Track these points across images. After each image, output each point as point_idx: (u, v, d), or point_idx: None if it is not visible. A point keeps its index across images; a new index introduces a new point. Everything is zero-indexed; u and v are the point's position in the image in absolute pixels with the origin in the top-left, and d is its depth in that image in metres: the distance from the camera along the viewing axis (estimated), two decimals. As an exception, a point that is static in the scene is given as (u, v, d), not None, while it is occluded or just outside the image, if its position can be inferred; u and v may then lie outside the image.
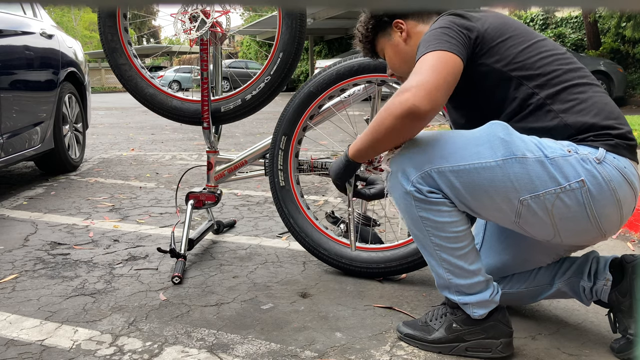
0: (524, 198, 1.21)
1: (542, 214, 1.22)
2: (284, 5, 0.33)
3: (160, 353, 1.36)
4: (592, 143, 1.23)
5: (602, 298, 1.39)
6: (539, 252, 1.45)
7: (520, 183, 1.20)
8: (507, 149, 1.21)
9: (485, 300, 1.32)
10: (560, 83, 1.28)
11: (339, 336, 1.46)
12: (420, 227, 1.31)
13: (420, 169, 1.26)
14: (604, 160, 1.20)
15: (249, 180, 3.46)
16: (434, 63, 1.22)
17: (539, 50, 1.31)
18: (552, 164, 1.19)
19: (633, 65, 12.07)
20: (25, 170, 4.06)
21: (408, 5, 0.35)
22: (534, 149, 1.21)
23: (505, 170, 1.20)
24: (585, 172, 1.19)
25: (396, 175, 1.30)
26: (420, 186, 1.27)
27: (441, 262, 1.32)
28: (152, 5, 0.38)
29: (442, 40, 1.26)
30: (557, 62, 1.30)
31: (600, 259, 1.42)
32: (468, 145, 1.24)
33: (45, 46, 3.47)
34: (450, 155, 1.24)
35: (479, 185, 1.23)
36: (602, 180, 1.19)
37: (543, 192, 1.20)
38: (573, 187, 1.19)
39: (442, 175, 1.25)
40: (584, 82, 1.30)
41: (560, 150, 1.21)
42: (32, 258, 2.08)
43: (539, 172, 1.19)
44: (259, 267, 1.99)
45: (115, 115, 9.67)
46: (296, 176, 1.99)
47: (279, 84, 2.03)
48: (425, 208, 1.28)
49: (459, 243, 1.30)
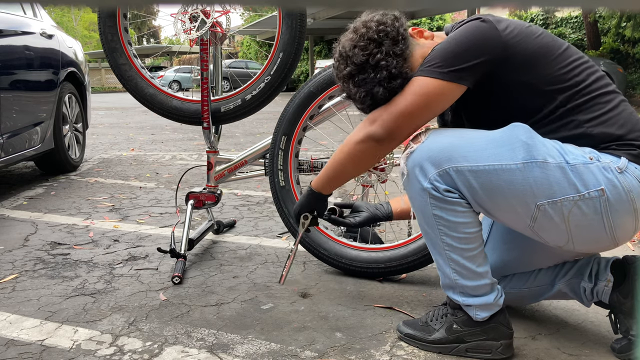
0: (541, 203, 1.19)
1: (558, 220, 1.20)
2: (284, 5, 0.33)
3: (160, 353, 1.36)
4: (614, 151, 1.21)
5: (603, 299, 1.39)
6: (542, 256, 1.44)
7: (538, 188, 1.18)
8: (528, 153, 1.19)
9: (489, 304, 1.31)
10: (589, 93, 1.25)
11: (339, 336, 1.46)
12: (432, 225, 1.30)
13: (438, 167, 1.24)
14: (625, 169, 1.18)
15: (249, 180, 3.46)
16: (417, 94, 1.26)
17: (568, 61, 1.27)
18: (573, 170, 1.17)
19: (633, 65, 12.07)
20: (25, 170, 4.06)
21: (408, 5, 0.35)
22: (556, 154, 1.19)
23: (525, 173, 1.19)
24: (605, 181, 1.17)
25: (413, 171, 1.28)
26: (438, 184, 1.25)
27: (449, 261, 1.31)
28: (152, 5, 0.38)
29: (447, 65, 1.23)
30: (585, 71, 1.27)
31: (602, 260, 1.41)
32: (489, 146, 1.22)
33: (45, 46, 3.47)
34: (470, 154, 1.22)
35: (497, 187, 1.21)
36: (622, 190, 1.17)
37: (561, 199, 1.18)
38: (592, 195, 1.17)
39: (461, 175, 1.23)
40: (609, 90, 1.27)
41: (582, 157, 1.19)
42: (32, 258, 2.08)
43: (559, 178, 1.17)
44: (259, 267, 1.99)
45: (115, 115, 9.67)
46: (296, 176, 1.99)
47: (279, 84, 2.03)
48: (440, 207, 1.26)
49: (470, 244, 1.29)
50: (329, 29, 20.65)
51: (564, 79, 1.25)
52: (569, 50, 1.30)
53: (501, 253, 1.50)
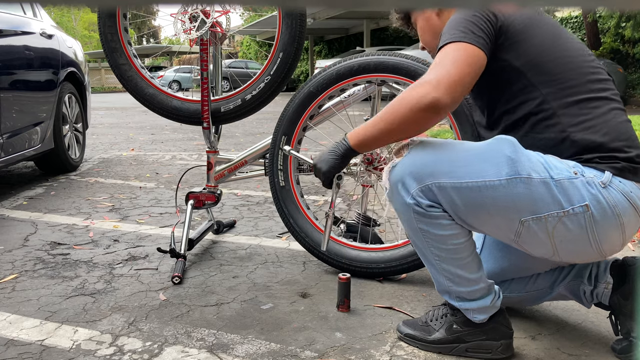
0: (525, 219, 1.18)
1: (542, 236, 1.19)
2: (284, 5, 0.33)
3: (160, 353, 1.36)
4: (597, 165, 1.20)
5: (603, 301, 1.38)
6: (539, 262, 1.43)
7: (522, 204, 1.17)
8: (513, 168, 1.17)
9: (486, 307, 1.31)
10: (575, 94, 1.23)
11: (339, 336, 1.46)
12: (420, 238, 1.29)
13: (421, 182, 1.22)
14: (609, 184, 1.17)
15: (249, 180, 3.46)
16: (456, 56, 1.17)
17: (561, 55, 1.25)
18: (557, 186, 1.16)
19: (633, 65, 12.07)
20: (25, 170, 4.06)
21: (408, 5, 0.35)
22: (540, 169, 1.17)
23: (509, 189, 1.17)
24: (590, 197, 1.16)
25: (396, 186, 1.26)
26: (420, 199, 1.23)
27: (442, 270, 1.30)
28: (152, 5, 0.38)
29: (467, 30, 1.20)
30: (577, 70, 1.25)
31: (601, 262, 1.41)
32: (473, 161, 1.20)
33: (45, 46, 3.47)
34: (453, 170, 1.20)
35: (480, 204, 1.19)
36: (607, 206, 1.16)
37: (545, 215, 1.17)
38: (576, 211, 1.16)
39: (443, 191, 1.21)
40: (601, 96, 1.24)
41: (567, 171, 1.17)
42: (32, 258, 2.08)
43: (543, 193, 1.16)
44: (259, 267, 1.99)
45: (115, 115, 9.67)
46: (296, 176, 1.99)
47: (279, 84, 2.03)
48: (424, 221, 1.25)
49: (459, 254, 1.28)
50: (329, 29, 20.67)
51: (551, 72, 1.24)
52: (571, 44, 1.28)
53: (497, 260, 1.49)
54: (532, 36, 1.26)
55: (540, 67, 1.25)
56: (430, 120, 1.19)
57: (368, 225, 2.02)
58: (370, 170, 1.92)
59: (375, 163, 1.88)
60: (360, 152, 1.34)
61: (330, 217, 1.56)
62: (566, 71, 1.24)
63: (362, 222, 2.03)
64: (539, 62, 1.25)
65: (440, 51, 1.21)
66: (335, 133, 2.39)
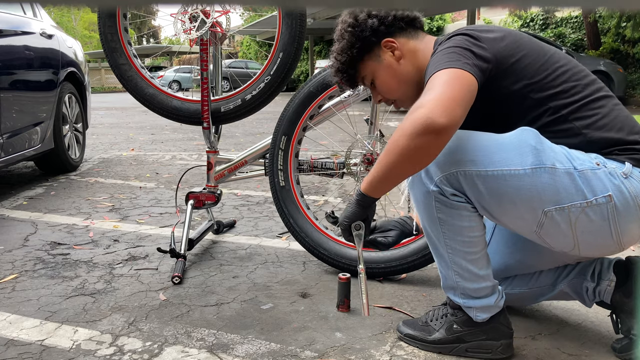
0: (549, 209, 1.18)
1: (565, 227, 1.19)
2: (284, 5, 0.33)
3: (160, 353, 1.36)
4: (617, 157, 1.21)
5: (605, 299, 1.38)
6: (545, 260, 1.44)
7: (546, 194, 1.17)
8: (537, 158, 1.17)
9: (490, 306, 1.31)
10: (581, 99, 1.24)
11: (339, 336, 1.46)
12: (436, 228, 1.29)
13: (445, 170, 1.22)
14: (630, 175, 1.18)
15: (249, 180, 3.46)
16: (447, 79, 1.13)
17: (555, 67, 1.26)
18: (581, 176, 1.17)
19: (633, 65, 12.07)
20: (25, 170, 4.06)
21: (408, 5, 0.35)
22: (564, 159, 1.18)
23: (534, 179, 1.17)
24: (613, 187, 1.16)
25: (419, 174, 1.25)
26: (444, 187, 1.23)
27: (452, 264, 1.30)
28: (152, 5, 0.38)
29: (454, 60, 1.18)
30: (574, 77, 1.26)
31: (604, 260, 1.41)
32: (497, 150, 1.20)
33: (45, 46, 3.47)
34: (478, 159, 1.20)
35: (505, 192, 1.19)
36: (629, 196, 1.17)
37: (568, 205, 1.17)
38: (600, 202, 1.16)
39: (468, 179, 1.21)
40: (602, 95, 1.26)
41: (589, 162, 1.18)
42: (32, 258, 2.08)
43: (567, 184, 1.16)
44: (259, 267, 1.99)
45: (115, 115, 9.67)
46: (296, 176, 1.99)
47: (279, 84, 2.03)
48: (445, 210, 1.25)
49: (473, 248, 1.28)
50: (329, 29, 20.62)
51: (552, 86, 1.24)
52: (557, 56, 1.29)
53: (503, 256, 1.49)
54: (523, 57, 1.25)
55: (540, 84, 1.25)
56: (434, 144, 1.11)
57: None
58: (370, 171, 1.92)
59: (375, 163, 1.88)
60: (375, 197, 1.27)
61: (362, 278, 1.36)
62: (564, 81, 1.25)
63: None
64: (537, 80, 1.25)
65: (430, 79, 1.17)
66: (335, 133, 2.39)
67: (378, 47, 1.36)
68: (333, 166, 2.02)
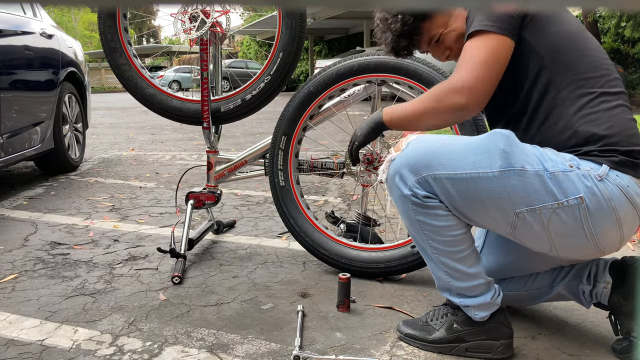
0: (520, 211, 1.20)
1: (538, 228, 1.21)
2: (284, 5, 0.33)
3: (160, 353, 1.36)
4: (595, 158, 1.20)
5: (602, 301, 1.38)
6: (539, 261, 1.44)
7: (516, 196, 1.19)
8: (506, 161, 1.19)
9: (487, 303, 1.32)
10: (587, 87, 1.24)
11: (339, 336, 1.46)
12: (418, 231, 1.31)
13: (417, 174, 1.26)
14: (606, 177, 1.17)
15: (249, 180, 3.46)
16: (487, 58, 1.21)
17: (583, 47, 1.26)
18: (552, 178, 1.17)
19: (633, 65, 12.07)
20: (25, 170, 4.06)
21: (408, 5, 0.35)
22: (535, 161, 1.19)
23: (503, 181, 1.19)
24: (584, 189, 1.16)
25: (394, 179, 1.30)
26: (417, 190, 1.26)
27: (440, 265, 1.32)
28: (152, 5, 0.38)
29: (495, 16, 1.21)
30: (595, 64, 1.26)
31: (600, 262, 1.41)
32: (468, 154, 1.23)
33: (45, 46, 3.47)
34: (448, 162, 1.23)
35: (475, 195, 1.22)
36: (602, 198, 1.17)
37: (540, 207, 1.18)
38: (571, 203, 1.17)
39: (439, 182, 1.24)
40: (612, 91, 1.25)
41: (562, 164, 1.18)
42: (32, 258, 2.08)
43: (537, 186, 1.18)
44: (259, 267, 1.99)
45: (115, 115, 9.67)
46: (296, 176, 1.99)
47: (279, 84, 2.03)
48: (422, 212, 1.28)
49: (457, 247, 1.29)
50: (329, 29, 20.66)
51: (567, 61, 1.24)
52: (591, 41, 1.29)
53: (497, 257, 1.50)
54: (559, 23, 1.27)
55: (561, 54, 1.25)
56: (457, 120, 1.32)
57: (368, 225, 2.02)
58: (370, 170, 1.92)
59: (376, 163, 1.88)
60: (391, 128, 1.38)
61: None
62: (584, 63, 1.25)
63: (362, 222, 2.03)
64: (561, 49, 1.25)
65: (470, 42, 1.24)
66: (335, 133, 2.39)
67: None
68: (333, 166, 2.02)
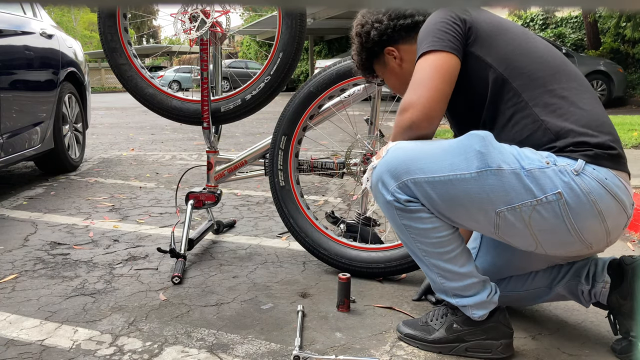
0: (500, 210, 1.21)
1: (520, 226, 1.22)
2: (284, 5, 0.33)
3: (160, 353, 1.36)
4: (571, 154, 1.22)
5: (601, 300, 1.38)
6: (534, 260, 1.44)
7: (495, 195, 1.20)
8: (482, 161, 1.21)
9: (483, 302, 1.32)
10: (545, 84, 1.27)
11: (339, 336, 1.46)
12: (405, 235, 1.33)
13: (397, 179, 1.28)
14: (582, 171, 1.19)
15: (249, 180, 3.46)
16: (431, 73, 1.26)
17: (531, 50, 1.31)
18: (529, 175, 1.19)
19: (633, 65, 12.07)
20: (25, 170, 4.06)
21: (408, 5, 0.35)
22: (511, 160, 1.20)
23: (480, 182, 1.21)
24: (562, 184, 1.18)
25: (377, 185, 1.32)
26: (399, 195, 1.28)
27: (432, 267, 1.33)
28: (152, 5, 0.38)
29: (437, 38, 1.28)
30: (547, 63, 1.30)
31: (599, 262, 1.41)
32: (445, 157, 1.25)
33: (45, 46, 3.47)
34: (426, 166, 1.25)
35: (455, 197, 1.23)
36: (581, 192, 1.18)
37: (519, 204, 1.19)
38: (550, 199, 1.18)
39: (419, 186, 1.26)
40: (572, 86, 1.28)
41: (539, 161, 1.20)
42: (32, 258, 2.08)
43: (514, 184, 1.19)
44: (259, 267, 1.99)
45: (115, 115, 9.67)
46: (296, 176, 1.99)
47: (279, 84, 2.03)
48: (406, 216, 1.30)
49: (445, 247, 1.30)
50: (329, 29, 20.65)
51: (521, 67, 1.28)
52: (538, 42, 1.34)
53: (493, 257, 1.50)
54: (503, 32, 1.32)
55: (512, 61, 1.29)
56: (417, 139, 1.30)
57: (368, 225, 2.02)
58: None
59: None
60: None
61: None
62: (536, 64, 1.29)
63: (362, 222, 2.03)
64: (511, 57, 1.29)
65: (418, 63, 1.30)
66: (335, 133, 2.39)
67: (382, 54, 1.50)
68: (333, 166, 2.02)
